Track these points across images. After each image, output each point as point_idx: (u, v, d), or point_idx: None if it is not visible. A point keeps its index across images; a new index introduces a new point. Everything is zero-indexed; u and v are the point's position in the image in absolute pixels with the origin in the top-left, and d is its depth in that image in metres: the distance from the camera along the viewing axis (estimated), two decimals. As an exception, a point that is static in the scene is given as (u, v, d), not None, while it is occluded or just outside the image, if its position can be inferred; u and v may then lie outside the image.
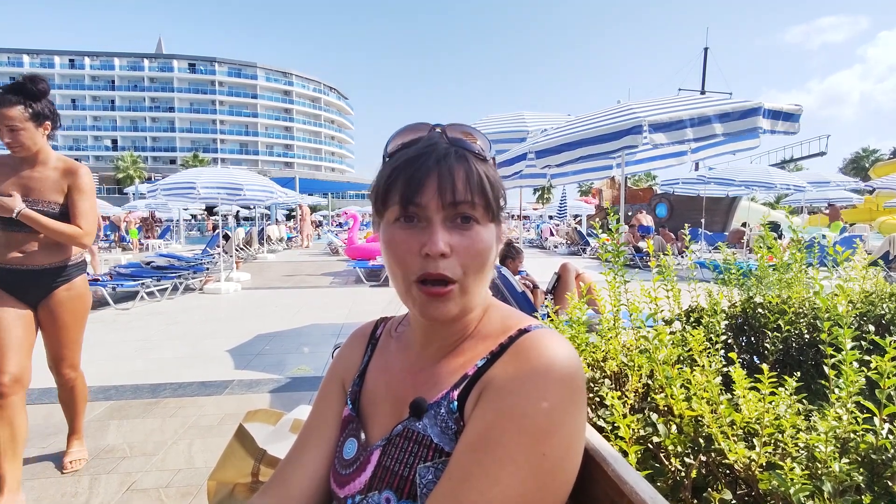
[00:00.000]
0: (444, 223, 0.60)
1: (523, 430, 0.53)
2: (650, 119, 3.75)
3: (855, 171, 48.49)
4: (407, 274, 0.61)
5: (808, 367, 1.64)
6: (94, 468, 2.45)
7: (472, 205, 0.61)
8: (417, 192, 0.60)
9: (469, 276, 0.61)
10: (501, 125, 6.57)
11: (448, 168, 0.61)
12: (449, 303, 0.61)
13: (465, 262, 0.61)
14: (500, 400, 0.56)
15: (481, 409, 0.57)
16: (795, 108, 3.77)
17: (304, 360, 4.36)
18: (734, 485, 0.97)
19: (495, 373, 0.60)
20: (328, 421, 0.77)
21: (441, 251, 0.58)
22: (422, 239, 0.60)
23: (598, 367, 1.38)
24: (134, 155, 54.49)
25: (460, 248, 0.60)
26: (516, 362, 0.59)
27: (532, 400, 0.54)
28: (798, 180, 11.08)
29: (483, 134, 0.68)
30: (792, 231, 2.12)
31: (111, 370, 3.97)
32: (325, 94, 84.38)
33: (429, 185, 0.60)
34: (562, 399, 0.55)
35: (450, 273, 0.60)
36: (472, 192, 0.61)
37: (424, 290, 0.60)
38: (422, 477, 0.59)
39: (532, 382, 0.55)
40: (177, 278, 7.77)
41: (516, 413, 0.54)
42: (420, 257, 0.60)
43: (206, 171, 9.34)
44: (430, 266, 0.59)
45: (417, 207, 0.60)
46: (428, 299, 0.61)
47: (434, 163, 0.61)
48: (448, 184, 0.60)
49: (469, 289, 0.62)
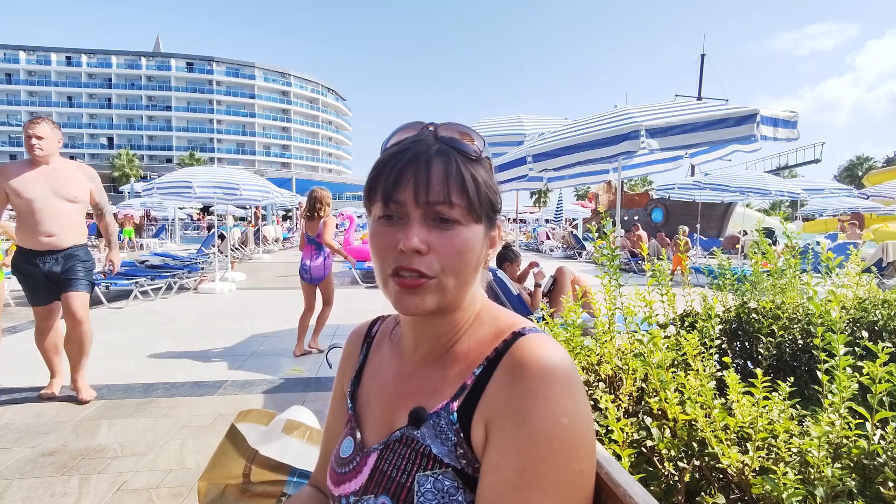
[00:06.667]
0: (422, 221, 0.60)
1: (556, 454, 0.53)
2: (647, 124, 3.76)
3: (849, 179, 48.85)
4: (384, 268, 0.61)
5: (801, 373, 1.65)
6: (85, 468, 2.42)
7: (450, 205, 0.60)
8: (395, 190, 0.60)
9: (448, 275, 0.61)
10: (499, 128, 6.59)
11: (426, 165, 0.60)
12: (425, 296, 0.60)
13: (443, 261, 0.60)
14: (519, 426, 0.55)
15: (502, 439, 0.56)
16: (791, 114, 3.79)
17: (298, 361, 4.34)
18: (727, 489, 0.97)
19: (498, 390, 0.58)
20: (340, 422, 0.81)
21: (414, 247, 0.58)
22: (399, 234, 0.60)
23: (593, 370, 1.38)
24: (130, 153, 54.12)
25: (439, 246, 0.60)
26: (518, 378, 0.57)
27: (552, 420, 0.54)
28: (793, 187, 11.16)
29: (480, 134, 0.67)
30: (786, 237, 2.13)
31: (103, 369, 3.94)
32: (323, 95, 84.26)
33: (406, 183, 0.60)
34: (575, 407, 0.55)
35: (425, 269, 0.59)
36: (450, 191, 0.60)
37: (398, 282, 0.60)
38: (420, 485, 0.59)
39: (544, 400, 0.55)
40: (171, 278, 7.73)
41: (542, 438, 0.53)
42: (396, 252, 0.60)
43: (202, 170, 9.29)
44: (405, 260, 0.59)
45: (396, 204, 0.60)
46: (401, 291, 0.60)
47: (411, 160, 0.61)
48: (423, 181, 0.60)
49: (447, 287, 0.61)
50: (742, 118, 3.67)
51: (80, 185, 3.22)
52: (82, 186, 3.23)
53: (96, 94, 69.75)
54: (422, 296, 0.60)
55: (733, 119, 3.69)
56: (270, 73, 77.37)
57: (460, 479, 0.58)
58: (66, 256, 3.15)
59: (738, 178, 10.81)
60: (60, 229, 3.10)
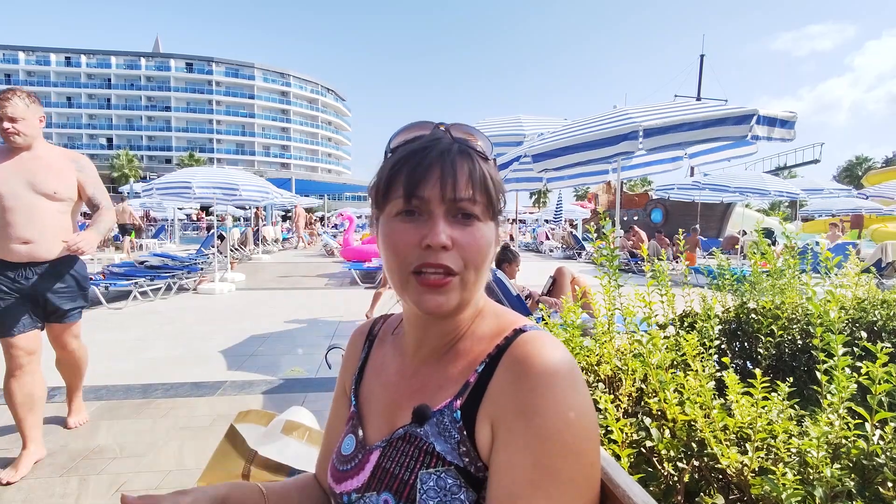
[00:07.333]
0: (445, 217, 0.60)
1: (567, 448, 0.54)
2: (646, 124, 3.77)
3: (849, 179, 48.90)
4: (404, 266, 0.61)
5: (800, 373, 1.65)
6: (84, 469, 2.42)
7: (474, 201, 0.61)
8: (420, 185, 0.60)
9: (470, 271, 0.61)
10: (499, 128, 6.59)
11: (451, 163, 0.61)
12: (448, 294, 0.61)
13: (466, 257, 0.60)
14: (528, 423, 0.55)
15: (512, 437, 0.56)
16: (790, 114, 3.80)
17: (298, 361, 4.34)
18: (726, 489, 0.97)
19: (503, 388, 0.58)
20: (342, 421, 0.81)
21: (443, 243, 0.58)
22: (423, 231, 0.60)
23: (592, 370, 1.38)
24: (129, 154, 54.06)
25: (462, 242, 0.60)
26: (523, 376, 0.57)
27: (560, 415, 0.54)
28: (792, 187, 11.16)
29: (485, 135, 0.69)
30: (785, 238, 2.13)
31: (102, 370, 3.93)
32: (323, 96, 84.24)
33: (432, 179, 0.60)
34: (580, 402, 0.56)
35: (451, 264, 0.60)
36: (475, 188, 0.61)
37: (422, 281, 0.60)
38: (423, 483, 0.59)
39: (551, 396, 0.55)
40: (170, 278, 7.72)
41: (552, 434, 0.54)
42: (420, 249, 0.59)
43: (201, 170, 9.29)
44: (431, 257, 0.59)
45: (420, 200, 0.60)
46: (425, 290, 0.60)
47: (438, 157, 0.61)
48: (450, 178, 0.60)
49: (469, 283, 0.62)
50: (741, 118, 3.67)
51: (65, 177, 2.49)
52: (67, 179, 2.49)
53: (95, 94, 69.68)
54: (446, 294, 0.61)
55: (732, 119, 3.70)
56: (270, 74, 77.35)
57: (463, 477, 0.58)
58: (49, 271, 2.45)
59: (738, 178, 10.81)
60: (40, 235, 2.38)
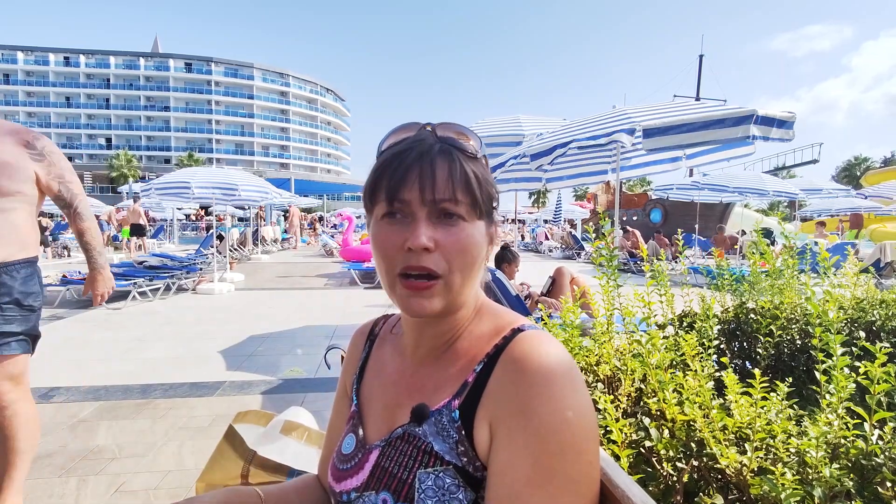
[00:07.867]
0: (428, 218, 0.60)
1: (566, 448, 0.54)
2: (644, 124, 3.77)
3: (848, 180, 48.98)
4: (391, 269, 0.61)
5: (799, 373, 1.65)
6: (83, 469, 2.42)
7: (456, 201, 0.61)
8: (400, 188, 0.60)
9: (454, 272, 0.61)
10: (498, 128, 6.58)
11: (431, 164, 0.61)
12: (432, 298, 0.61)
13: (449, 258, 0.60)
14: (527, 423, 0.55)
15: (511, 437, 0.56)
16: (789, 115, 3.80)
17: (297, 361, 4.34)
18: (725, 490, 0.97)
19: (501, 388, 0.58)
20: (343, 420, 0.81)
21: (423, 245, 0.58)
22: (405, 234, 0.60)
23: (591, 370, 1.38)
24: (128, 154, 54.03)
25: (445, 243, 0.60)
26: (521, 376, 0.57)
27: (558, 414, 0.54)
28: (791, 188, 11.18)
29: (475, 133, 0.68)
30: (784, 238, 2.13)
31: (101, 370, 3.93)
32: (322, 96, 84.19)
33: (411, 181, 0.60)
34: (579, 401, 0.56)
35: (433, 266, 0.60)
36: (455, 188, 0.61)
37: (406, 284, 0.61)
38: (421, 482, 0.59)
39: (549, 396, 0.55)
40: (169, 278, 7.72)
41: (551, 433, 0.54)
42: (404, 251, 0.60)
43: (200, 170, 9.28)
44: (413, 259, 0.59)
45: (402, 203, 0.61)
46: (410, 294, 0.61)
47: (416, 158, 0.61)
48: (429, 179, 0.60)
49: (454, 285, 0.62)
50: (740, 118, 3.68)
51: (13, 162, 1.78)
52: (17, 166, 1.79)
53: (94, 94, 69.58)
54: (430, 298, 0.61)
55: (731, 119, 3.70)
56: (269, 74, 77.28)
57: (461, 476, 0.58)
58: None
59: (737, 178, 10.82)
60: None
